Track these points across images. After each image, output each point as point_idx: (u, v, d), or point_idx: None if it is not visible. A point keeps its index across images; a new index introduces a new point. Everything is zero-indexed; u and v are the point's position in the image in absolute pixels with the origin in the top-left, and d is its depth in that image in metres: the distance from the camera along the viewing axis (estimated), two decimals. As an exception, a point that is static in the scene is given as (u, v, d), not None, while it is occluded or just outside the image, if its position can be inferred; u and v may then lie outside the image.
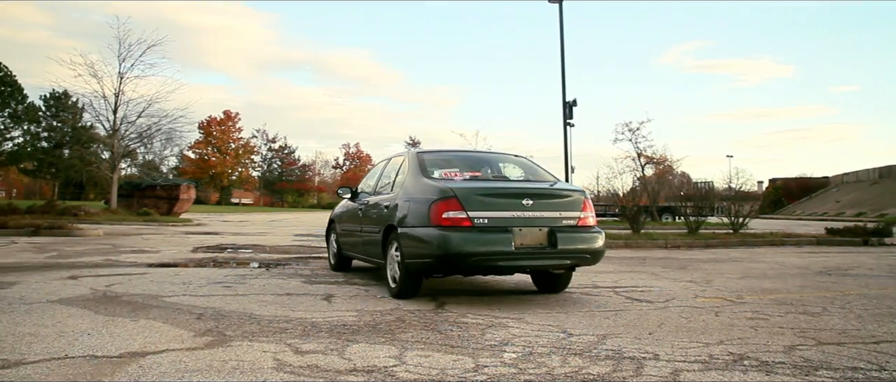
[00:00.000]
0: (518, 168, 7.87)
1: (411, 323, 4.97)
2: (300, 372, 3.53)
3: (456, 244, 5.81)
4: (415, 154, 7.44)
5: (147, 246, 13.09)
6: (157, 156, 48.73)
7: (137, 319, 4.97)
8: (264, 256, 11.07)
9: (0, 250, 11.35)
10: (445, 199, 6.05)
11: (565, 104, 30.49)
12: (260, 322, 4.91)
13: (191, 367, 3.58)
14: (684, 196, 26.05)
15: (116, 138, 31.43)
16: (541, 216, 6.24)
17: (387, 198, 7.22)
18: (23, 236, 15.27)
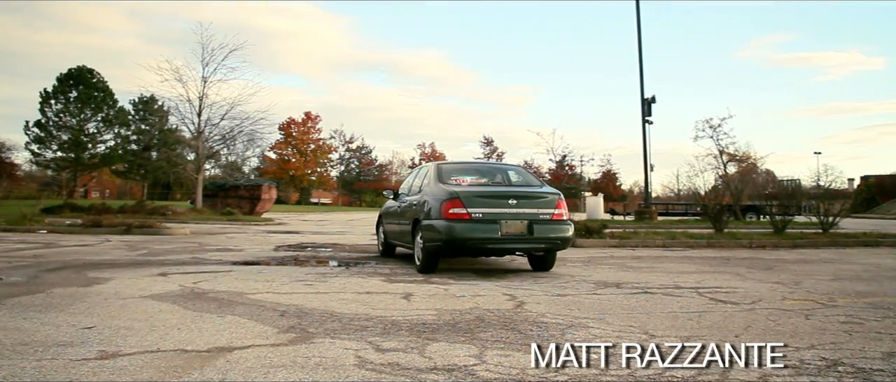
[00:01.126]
0: (517, 175, 10.26)
1: (491, 323, 4.96)
2: (381, 370, 3.56)
3: (457, 231, 8.11)
4: (435, 165, 9.96)
5: (231, 244, 13.47)
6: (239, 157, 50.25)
7: (224, 315, 5.12)
8: (344, 255, 11.24)
9: (95, 248, 11.88)
10: (451, 199, 8.31)
11: (643, 101, 30.00)
12: (341, 319, 4.99)
13: (275, 363, 3.67)
14: (769, 194, 25.25)
15: (201, 140, 32.46)
16: (522, 212, 8.45)
17: (415, 198, 9.53)
18: (116, 234, 15.93)
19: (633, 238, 14.70)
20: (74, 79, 68.92)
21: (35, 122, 67.85)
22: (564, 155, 73.84)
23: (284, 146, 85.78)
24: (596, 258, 10.97)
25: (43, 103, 68.15)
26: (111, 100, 70.65)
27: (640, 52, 30.30)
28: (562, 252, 9.65)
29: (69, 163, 68.24)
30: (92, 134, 69.85)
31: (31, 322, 4.74)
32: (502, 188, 9.38)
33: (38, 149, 68.37)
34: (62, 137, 68.25)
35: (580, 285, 7.37)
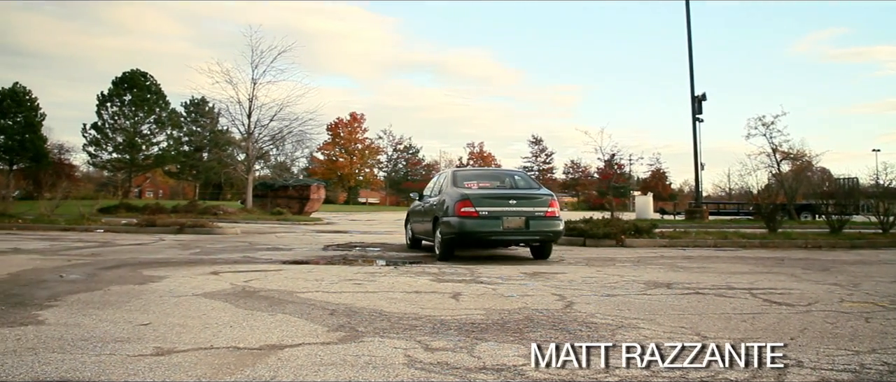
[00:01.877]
0: (519, 179, 12.30)
1: (540, 323, 4.94)
2: (430, 369, 3.57)
3: (467, 226, 9.96)
4: (452, 171, 12.19)
5: (281, 243, 13.65)
6: (288, 157, 50.83)
7: (274, 314, 5.18)
8: (392, 254, 11.31)
9: (150, 247, 12.16)
10: (463, 200, 10.12)
11: (694, 99, 29.53)
12: (390, 318, 5.01)
13: (325, 361, 3.70)
14: (825, 193, 24.62)
15: (251, 141, 32.99)
16: (521, 210, 10.21)
17: (436, 199, 11.42)
18: (169, 234, 16.28)
19: (684, 237, 14.50)
20: (129, 83, 70.61)
21: (92, 125, 69.74)
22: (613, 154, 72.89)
23: (332, 146, 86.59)
24: (646, 258, 10.84)
25: (99, 106, 69.98)
26: (164, 102, 72.24)
27: (690, 50, 29.87)
28: (610, 251, 10.60)
29: (124, 164, 69.94)
30: (145, 135, 71.49)
31: (89, 319, 4.86)
32: (505, 190, 11.40)
33: (95, 150, 70.29)
34: (117, 139, 70.03)
35: (630, 285, 7.28)
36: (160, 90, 72.09)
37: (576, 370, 3.57)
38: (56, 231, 16.99)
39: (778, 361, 3.81)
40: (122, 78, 70.79)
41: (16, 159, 64.62)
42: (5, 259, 9.42)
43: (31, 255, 10.06)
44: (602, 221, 15.18)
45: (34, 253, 10.37)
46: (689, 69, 29.72)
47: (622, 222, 15.10)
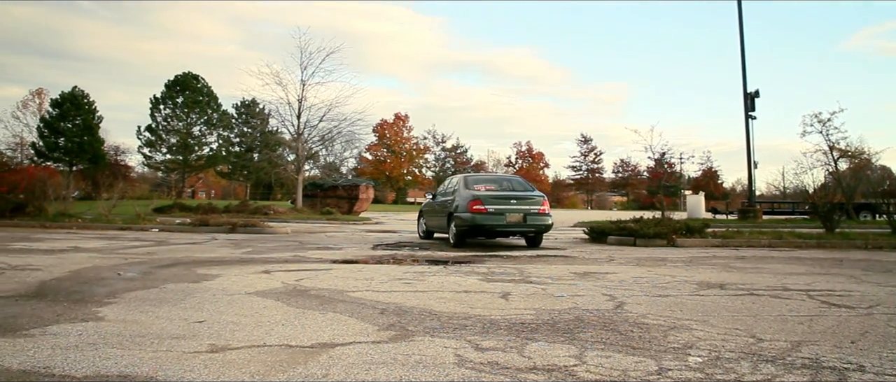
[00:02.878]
0: (518, 183, 15.38)
1: (590, 323, 4.89)
2: (481, 368, 3.57)
3: (478, 220, 12.67)
4: (463, 176, 15.05)
5: (331, 243, 13.78)
6: (337, 157, 51.28)
7: (325, 312, 5.24)
8: (441, 254, 11.33)
9: (203, 246, 12.39)
10: (475, 199, 12.87)
11: (746, 96, 28.94)
12: (440, 318, 5.02)
13: (376, 360, 3.73)
14: (886, 191, 23.86)
15: (300, 141, 33.36)
16: (520, 208, 12.96)
17: (450, 198, 14.18)
18: (221, 233, 16.57)
19: (737, 237, 14.22)
20: (181, 85, 72.07)
21: (146, 127, 71.38)
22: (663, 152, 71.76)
23: (379, 147, 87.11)
24: (698, 258, 10.67)
25: (153, 108, 71.58)
26: (215, 104, 73.53)
27: (743, 45, 29.28)
28: (661, 251, 10.99)
29: (177, 164, 71.40)
30: (197, 137, 72.87)
31: (146, 316, 4.98)
32: (507, 192, 14.10)
33: (150, 151, 71.91)
34: (171, 140, 71.51)
35: (682, 286, 7.17)
36: (212, 92, 73.45)
37: (628, 371, 3.53)
38: (113, 230, 17.43)
39: (837, 365, 3.72)
40: (175, 80, 72.31)
41: (75, 160, 66.43)
42: (66, 257, 9.70)
43: (90, 253, 10.33)
44: (652, 221, 15.00)
45: (93, 252, 10.65)
46: (742, 65, 29.15)
47: (673, 221, 14.89)
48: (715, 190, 76.01)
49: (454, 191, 14.26)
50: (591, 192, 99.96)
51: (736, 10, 29.32)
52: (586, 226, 16.40)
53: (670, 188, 67.64)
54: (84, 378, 3.31)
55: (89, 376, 3.35)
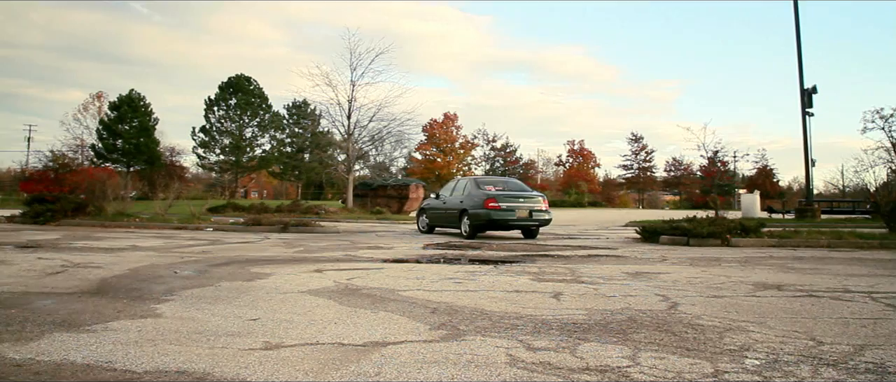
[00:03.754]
0: (518, 184, 18.05)
1: (643, 323, 4.83)
2: (533, 368, 3.55)
3: (494, 215, 15.03)
4: (473, 179, 17.46)
5: (381, 242, 13.86)
6: (387, 157, 51.49)
7: (377, 311, 5.27)
8: (491, 253, 11.30)
9: (256, 245, 12.58)
10: (490, 198, 15.22)
11: (803, 92, 28.22)
12: (491, 317, 5.01)
13: (428, 359, 3.73)
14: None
15: (351, 142, 33.64)
16: (526, 205, 15.43)
17: (459, 198, 16.60)
18: (274, 232, 16.81)
19: (794, 237, 13.88)
20: (234, 87, 73.27)
21: (200, 128, 72.77)
22: (716, 150, 70.35)
23: (429, 146, 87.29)
24: (753, 258, 10.44)
25: (207, 110, 72.93)
26: (267, 105, 74.61)
27: (799, 40, 28.56)
28: (715, 251, 10.97)
29: (230, 165, 72.60)
30: (250, 138, 73.99)
31: (202, 313, 5.08)
32: (514, 192, 16.53)
33: (203, 152, 73.28)
34: (224, 142, 72.76)
35: (737, 286, 7.03)
36: (263, 94, 74.52)
37: (682, 373, 3.48)
38: (169, 229, 17.82)
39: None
40: (228, 83, 73.56)
41: (132, 162, 68.11)
42: (125, 255, 9.95)
43: (147, 252, 10.58)
44: (706, 220, 14.73)
45: (150, 250, 10.90)
46: (798, 61, 28.44)
47: (727, 221, 14.60)
48: (770, 188, 74.24)
49: (464, 191, 16.86)
50: (642, 191, 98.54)
51: (791, 5, 28.61)
52: (638, 226, 16.21)
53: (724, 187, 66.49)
54: (144, 374, 3.39)
55: (149, 371, 3.43)
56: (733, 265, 9.36)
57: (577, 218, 32.86)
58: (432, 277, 7.61)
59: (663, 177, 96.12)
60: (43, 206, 20.20)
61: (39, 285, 6.63)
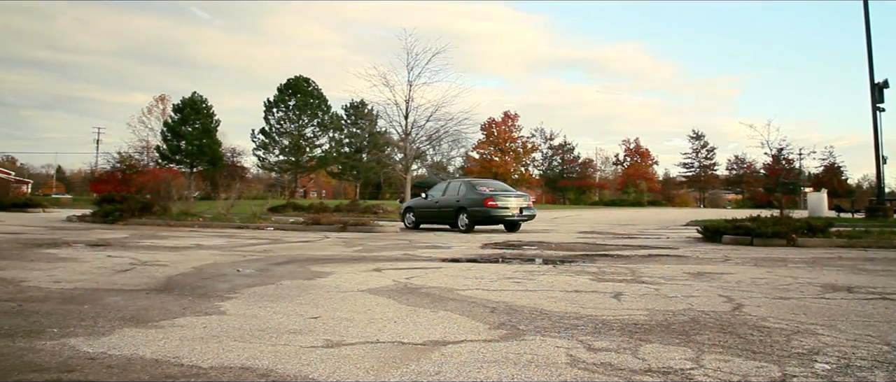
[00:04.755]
0: (506, 185, 20.84)
1: (706, 325, 4.73)
2: (594, 369, 3.51)
3: (492, 212, 17.81)
4: (468, 180, 20.37)
5: (439, 242, 13.90)
6: (444, 157, 51.67)
7: (436, 310, 5.28)
8: (550, 253, 11.23)
9: (316, 244, 12.75)
10: (489, 198, 17.94)
11: (873, 86, 27.26)
12: (550, 317, 4.98)
13: (488, 358, 3.72)
14: None
15: (408, 141, 33.79)
16: (516, 202, 18.24)
17: (456, 197, 18.88)
18: (333, 231, 17.02)
19: (865, 237, 13.42)
20: (293, 89, 74.45)
21: (260, 130, 74.21)
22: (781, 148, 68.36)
23: (486, 145, 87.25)
24: (821, 259, 10.13)
25: (266, 112, 74.30)
26: (325, 106, 75.61)
27: (869, 33, 27.59)
28: (780, 251, 10.79)
29: (290, 165, 73.82)
30: (309, 138, 75.11)
31: (264, 311, 5.16)
32: (505, 191, 19.23)
33: (264, 153, 74.72)
34: (283, 142, 74.02)
35: (804, 288, 6.83)
36: (321, 95, 75.56)
37: (748, 376, 3.39)
38: (231, 228, 18.19)
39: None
40: (287, 84, 74.78)
41: (195, 162, 69.83)
42: (190, 254, 10.19)
43: (211, 251, 10.82)
44: (770, 219, 14.36)
45: (214, 249, 11.15)
46: (868, 54, 27.46)
47: (793, 220, 14.22)
48: (838, 187, 72.09)
49: (458, 191, 19.27)
50: (703, 190, 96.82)
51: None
52: (699, 225, 15.91)
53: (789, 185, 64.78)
54: (209, 369, 3.47)
55: (214, 367, 3.51)
56: (800, 266, 9.11)
57: (635, 218, 32.43)
58: (491, 276, 7.60)
59: (725, 175, 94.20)
60: (111, 206, 20.86)
61: (109, 282, 6.85)
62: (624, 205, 75.41)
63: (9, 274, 7.34)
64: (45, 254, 9.84)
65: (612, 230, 19.87)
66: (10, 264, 8.44)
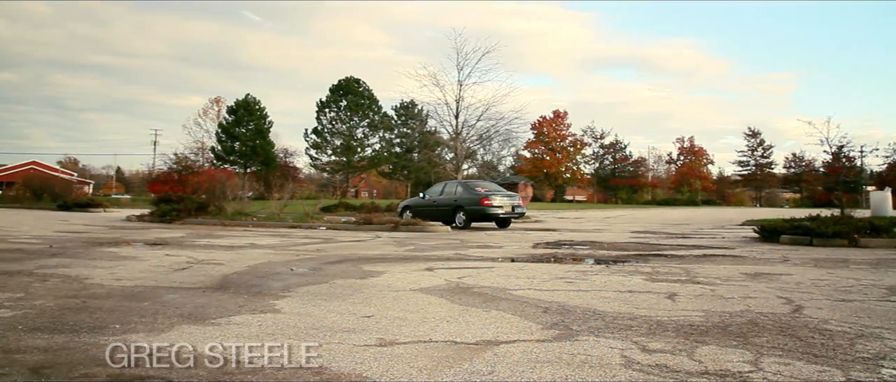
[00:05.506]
0: (498, 186, 23.13)
1: (765, 327, 4.62)
2: (649, 371, 3.46)
3: (487, 210, 19.38)
4: (464, 181, 23.31)
5: (491, 241, 13.88)
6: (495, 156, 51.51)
7: (488, 310, 5.27)
8: (602, 253, 11.11)
9: (368, 243, 12.85)
10: (485, 197, 19.61)
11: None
12: (604, 318, 4.92)
13: (541, 358, 3.70)
14: None
15: (459, 141, 33.83)
16: (510, 201, 20.06)
17: (454, 197, 20.64)
18: (384, 231, 17.13)
19: (931, 238, 12.96)
20: (344, 90, 75.14)
21: (312, 130, 75.07)
22: (841, 145, 66.55)
23: (537, 144, 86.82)
24: (886, 260, 9.81)
25: (318, 112, 75.15)
26: (376, 106, 76.15)
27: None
28: (841, 252, 10.66)
29: (342, 165, 74.54)
30: (360, 138, 75.69)
31: (318, 309, 5.22)
32: (499, 192, 20.66)
33: (316, 153, 75.59)
34: (335, 142, 74.79)
35: (868, 290, 6.62)
36: (372, 95, 76.10)
37: (810, 380, 3.31)
38: (284, 228, 18.45)
39: None
40: (338, 85, 75.52)
41: (249, 163, 71.02)
42: (244, 253, 10.37)
43: (264, 250, 10.99)
44: (831, 219, 13.96)
45: (267, 248, 11.31)
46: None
47: (855, 220, 13.80)
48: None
49: (455, 191, 21.06)
50: (759, 189, 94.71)
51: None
52: (756, 225, 15.56)
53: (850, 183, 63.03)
54: (265, 366, 3.52)
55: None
56: (863, 267, 8.83)
57: (690, 217, 31.92)
58: (543, 276, 7.55)
59: (782, 173, 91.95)
60: (169, 206, 21.36)
61: (168, 280, 7.00)
62: (677, 205, 74.19)
63: (73, 272, 7.57)
64: (107, 253, 10.12)
65: (665, 229, 19.58)
66: (75, 262, 8.70)
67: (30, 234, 14.53)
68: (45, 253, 9.86)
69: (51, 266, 8.19)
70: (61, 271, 7.66)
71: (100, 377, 3.33)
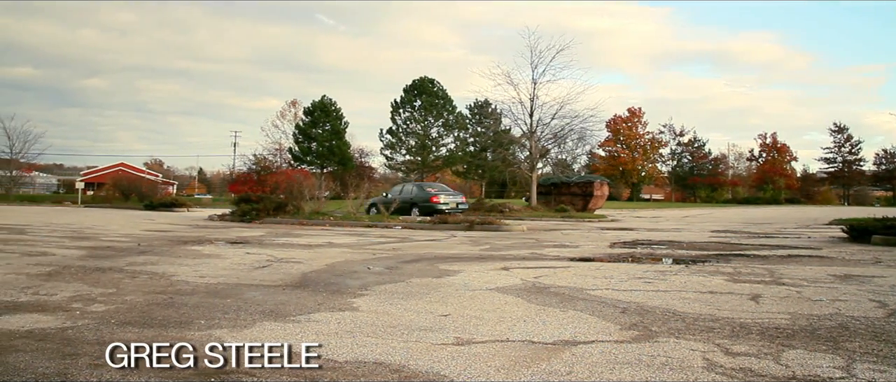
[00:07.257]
0: (446, 187, 31.87)
1: (857, 331, 4.44)
2: (733, 375, 3.37)
3: (436, 206, 24.94)
4: (418, 183, 32.36)
5: (566, 241, 13.75)
6: (569, 154, 51.04)
7: (566, 310, 5.22)
8: (681, 253, 10.86)
9: (443, 243, 12.90)
10: (435, 195, 26.06)
11: None
12: (684, 319, 4.82)
13: (620, 359, 3.65)
14: None
15: (533, 139, 33.67)
16: (454, 200, 26.43)
17: (408, 195, 26.28)
18: (459, 230, 17.15)
19: None
20: (418, 90, 75.57)
21: (387, 130, 75.70)
22: (937, 141, 63.09)
23: (613, 142, 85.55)
24: None
25: (393, 112, 75.76)
26: (450, 106, 76.32)
27: None
28: None
29: (416, 165, 74.94)
30: (434, 138, 75.98)
31: (395, 308, 5.27)
32: (445, 192, 27.07)
33: (391, 153, 76.18)
34: (410, 142, 75.28)
35: (968, 292, 6.29)
36: (446, 95, 76.24)
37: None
38: (361, 227, 18.68)
39: None
40: (412, 85, 75.97)
41: (325, 163, 72.18)
42: (322, 251, 10.55)
43: (342, 249, 11.16)
44: (927, 218, 13.32)
45: (344, 247, 11.48)
46: None
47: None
48: None
49: (412, 191, 26.65)
50: (847, 187, 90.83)
51: None
52: (845, 224, 14.94)
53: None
54: (345, 363, 3.57)
55: (349, 361, 3.61)
56: (961, 268, 8.40)
57: (772, 216, 30.94)
58: (620, 276, 7.44)
59: (872, 170, 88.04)
60: (248, 206, 21.89)
61: (249, 277, 7.18)
62: (759, 203, 71.91)
63: (160, 269, 7.85)
64: (191, 251, 10.45)
65: (746, 229, 19.01)
66: (162, 260, 9.01)
67: (119, 233, 15.14)
68: (134, 251, 10.25)
69: (139, 263, 8.52)
70: (149, 268, 7.96)
71: (186, 372, 3.44)
